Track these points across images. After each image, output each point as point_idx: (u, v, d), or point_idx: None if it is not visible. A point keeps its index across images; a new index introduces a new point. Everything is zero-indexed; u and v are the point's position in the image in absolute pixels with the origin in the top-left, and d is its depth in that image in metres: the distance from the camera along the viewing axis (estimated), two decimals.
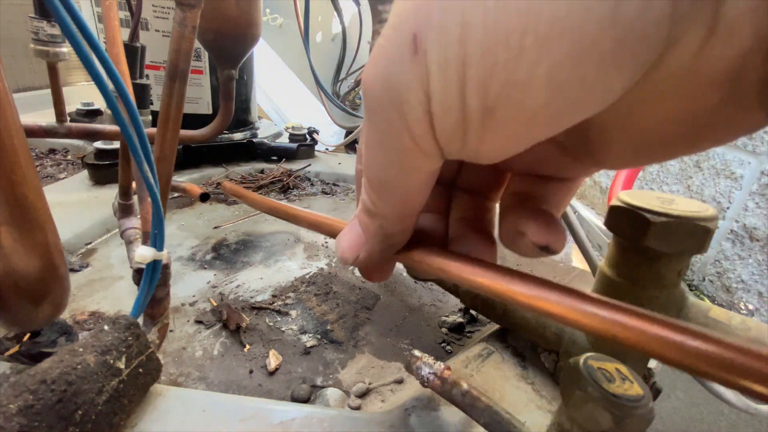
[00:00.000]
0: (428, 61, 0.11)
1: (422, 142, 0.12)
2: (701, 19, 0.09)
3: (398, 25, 0.11)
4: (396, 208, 0.15)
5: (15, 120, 0.19)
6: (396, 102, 0.12)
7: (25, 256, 0.21)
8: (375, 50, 0.12)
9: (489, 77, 0.10)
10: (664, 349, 0.11)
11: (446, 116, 0.11)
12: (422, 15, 0.11)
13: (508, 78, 0.10)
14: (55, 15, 0.16)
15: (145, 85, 0.38)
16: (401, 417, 0.25)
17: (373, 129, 0.14)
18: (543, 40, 0.09)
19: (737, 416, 0.82)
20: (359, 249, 0.18)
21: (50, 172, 0.72)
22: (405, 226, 0.17)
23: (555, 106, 0.10)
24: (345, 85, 1.38)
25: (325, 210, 0.65)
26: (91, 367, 0.20)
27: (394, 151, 0.13)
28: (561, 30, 0.09)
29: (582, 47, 0.09)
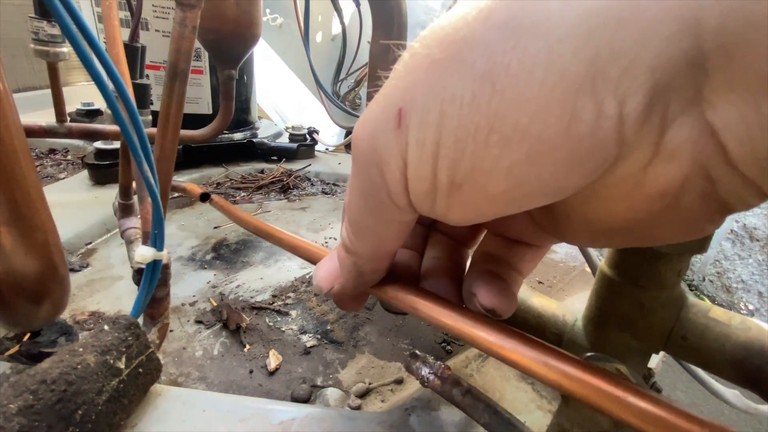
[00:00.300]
0: (409, 135, 0.12)
1: (397, 199, 0.14)
2: (645, 145, 0.10)
3: (389, 96, 0.13)
4: (370, 249, 0.17)
5: (15, 120, 0.19)
6: (378, 161, 0.13)
7: (25, 256, 0.21)
8: (367, 110, 0.14)
9: (458, 161, 0.12)
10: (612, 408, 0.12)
11: (419, 183, 0.13)
12: (409, 95, 0.12)
13: (474, 165, 0.11)
14: (55, 15, 0.16)
15: (145, 85, 0.38)
16: (401, 417, 0.25)
17: (357, 178, 0.15)
18: (506, 140, 0.11)
19: (737, 416, 0.82)
20: (334, 281, 0.19)
21: (50, 172, 0.71)
22: (378, 266, 0.18)
23: (513, 195, 0.12)
24: (345, 85, 1.38)
25: (325, 210, 0.65)
26: (91, 367, 0.20)
27: (372, 201, 0.15)
28: (522, 135, 0.10)
29: (539, 151, 0.10)
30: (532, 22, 0.10)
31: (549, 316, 0.29)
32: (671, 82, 0.09)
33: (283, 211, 0.64)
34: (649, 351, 0.25)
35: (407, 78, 0.12)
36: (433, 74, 0.11)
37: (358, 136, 0.14)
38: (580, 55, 0.09)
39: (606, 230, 0.14)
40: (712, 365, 0.22)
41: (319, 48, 1.41)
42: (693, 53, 0.09)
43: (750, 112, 0.09)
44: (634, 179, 0.11)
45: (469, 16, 0.11)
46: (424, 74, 0.12)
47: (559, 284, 0.47)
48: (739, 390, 0.33)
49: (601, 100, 0.10)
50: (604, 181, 0.11)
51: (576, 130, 0.10)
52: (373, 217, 0.15)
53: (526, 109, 0.10)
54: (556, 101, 0.10)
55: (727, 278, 1.48)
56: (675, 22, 0.09)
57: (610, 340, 0.25)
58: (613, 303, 0.25)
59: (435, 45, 0.12)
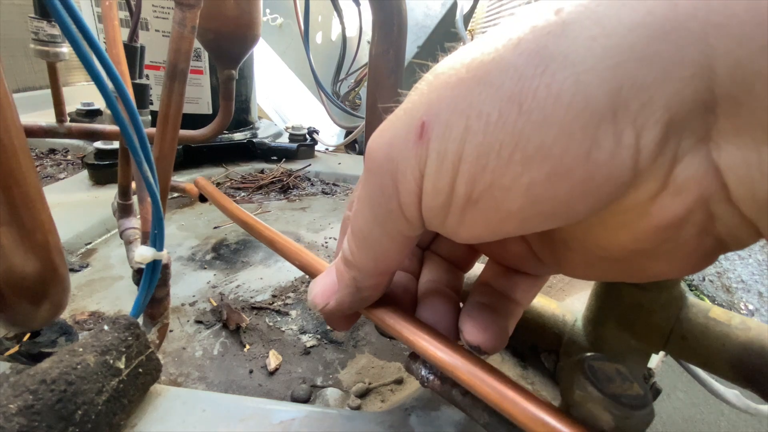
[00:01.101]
0: (430, 147, 0.13)
1: (407, 210, 0.14)
2: (656, 177, 0.11)
3: (411, 110, 0.13)
4: (372, 263, 0.17)
5: (15, 120, 0.19)
6: (393, 171, 0.14)
7: (25, 256, 0.21)
8: (385, 123, 0.14)
9: (478, 175, 0.12)
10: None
11: (434, 196, 0.13)
12: (434, 109, 0.12)
13: (494, 180, 0.12)
14: (55, 15, 0.16)
15: (144, 85, 0.38)
16: (401, 417, 0.25)
17: (367, 187, 0.15)
18: (528, 159, 0.11)
19: (737, 416, 0.82)
20: (330, 296, 0.19)
21: (50, 172, 0.71)
22: (377, 283, 0.18)
23: (527, 213, 0.12)
24: (345, 85, 1.38)
25: (325, 210, 0.65)
26: (91, 367, 0.20)
27: (381, 211, 0.15)
28: (544, 156, 0.11)
29: (558, 172, 0.11)
30: (561, 52, 0.10)
31: (549, 316, 0.29)
32: (684, 120, 0.10)
33: (283, 211, 0.64)
34: (649, 351, 0.25)
35: (431, 94, 0.13)
36: (460, 92, 0.12)
37: (373, 145, 0.14)
38: (605, 86, 0.10)
39: (605, 260, 0.14)
40: (712, 365, 0.22)
41: (319, 48, 1.41)
42: (705, 96, 0.10)
43: (752, 157, 0.10)
44: (642, 209, 0.11)
45: (498, 43, 0.12)
46: (451, 91, 0.12)
47: (559, 284, 0.47)
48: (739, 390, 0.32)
49: (621, 129, 0.10)
50: (613, 208, 0.12)
51: (596, 156, 0.10)
52: (380, 229, 0.15)
53: (550, 131, 0.10)
54: (580, 126, 0.10)
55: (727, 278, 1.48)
56: (691, 66, 0.09)
57: (610, 340, 0.25)
58: (613, 303, 0.25)
59: (462, 66, 0.12)
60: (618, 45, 0.10)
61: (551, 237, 0.16)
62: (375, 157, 0.14)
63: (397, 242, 0.16)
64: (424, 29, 1.18)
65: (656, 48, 0.10)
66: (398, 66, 0.41)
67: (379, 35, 0.40)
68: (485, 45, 0.12)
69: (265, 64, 1.51)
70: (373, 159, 0.14)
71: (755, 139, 0.10)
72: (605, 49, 0.10)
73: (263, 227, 0.30)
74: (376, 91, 0.41)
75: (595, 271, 0.15)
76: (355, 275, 0.17)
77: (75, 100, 0.81)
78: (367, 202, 0.15)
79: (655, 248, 0.12)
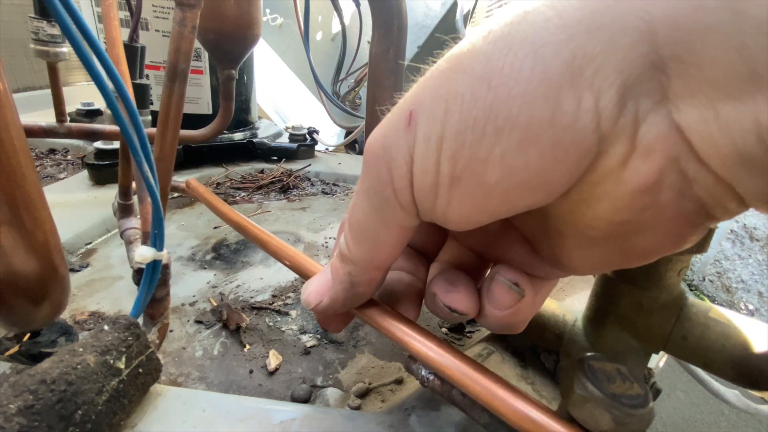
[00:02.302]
0: (417, 132, 0.14)
1: (401, 195, 0.15)
2: (622, 140, 0.11)
3: (402, 103, 0.15)
4: (368, 255, 0.17)
5: (15, 120, 0.19)
6: (387, 159, 0.15)
7: (25, 256, 0.21)
8: (383, 120, 0.16)
9: (458, 152, 0.13)
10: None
11: (423, 177, 0.14)
12: (419, 98, 0.14)
13: (472, 155, 0.13)
14: (55, 15, 0.16)
15: (144, 85, 0.38)
16: (401, 417, 0.25)
17: (365, 179, 0.16)
18: (499, 130, 0.12)
19: (737, 416, 0.82)
20: (324, 294, 0.19)
21: (50, 172, 0.71)
22: (372, 278, 0.18)
23: (505, 185, 0.13)
24: (345, 85, 1.38)
25: (325, 210, 0.65)
26: (91, 367, 0.20)
27: (377, 200, 0.16)
28: (512, 125, 0.12)
29: (527, 139, 0.12)
30: (521, 35, 0.12)
31: (549, 316, 0.29)
32: (637, 83, 0.11)
33: (283, 211, 0.64)
34: (649, 351, 0.25)
35: (418, 87, 0.14)
36: (440, 80, 0.13)
37: (371, 140, 0.16)
38: (560, 57, 0.11)
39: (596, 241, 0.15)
40: (712, 365, 0.22)
41: (319, 48, 1.41)
42: (653, 58, 0.10)
43: (708, 114, 0.10)
44: (615, 176, 0.12)
45: (472, 38, 0.13)
46: (433, 81, 0.14)
47: (559, 284, 0.47)
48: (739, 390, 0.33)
49: (580, 94, 0.11)
50: (589, 179, 0.12)
51: (559, 120, 0.11)
52: (376, 218, 0.16)
53: (516, 102, 0.12)
54: (541, 95, 0.11)
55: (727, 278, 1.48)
56: (633, 33, 0.10)
57: (609, 340, 0.25)
58: (613, 303, 0.25)
59: (443, 61, 0.14)
60: (568, 22, 0.11)
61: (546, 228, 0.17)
62: (371, 149, 0.15)
63: (393, 232, 0.16)
64: (424, 29, 1.18)
65: (601, 20, 0.11)
66: (398, 66, 0.41)
67: (379, 35, 0.40)
68: (463, 41, 0.13)
69: (265, 64, 1.51)
70: (370, 151, 0.16)
71: (709, 96, 0.10)
72: (557, 27, 0.11)
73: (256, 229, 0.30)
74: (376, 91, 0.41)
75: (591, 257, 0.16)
76: (350, 269, 0.18)
77: (75, 100, 0.81)
78: (364, 194, 0.16)
79: (638, 218, 0.13)
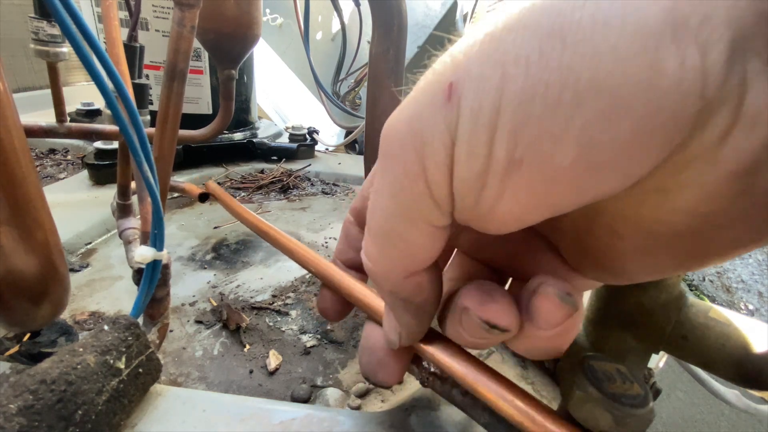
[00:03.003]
0: (461, 106, 0.11)
1: (437, 189, 0.12)
2: (727, 107, 0.09)
3: (434, 76, 0.12)
4: (400, 263, 0.15)
5: (15, 120, 0.19)
6: (418, 144, 0.12)
7: (25, 256, 0.21)
8: (404, 101, 0.13)
9: (522, 127, 0.10)
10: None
11: (469, 163, 0.11)
12: (462, 66, 0.11)
13: (541, 130, 0.10)
14: (55, 15, 0.16)
15: (144, 85, 0.38)
16: (401, 417, 0.25)
17: (386, 173, 0.13)
18: (580, 97, 0.09)
19: (737, 416, 0.82)
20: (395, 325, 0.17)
21: (50, 172, 0.71)
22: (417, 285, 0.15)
23: (581, 166, 0.10)
24: (345, 85, 1.38)
25: (325, 210, 0.65)
26: (91, 367, 0.20)
27: (404, 197, 0.13)
28: (598, 89, 0.09)
29: (617, 107, 0.09)
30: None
31: None
32: (748, 38, 0.09)
33: (283, 211, 0.64)
34: (649, 351, 0.25)
35: (456, 58, 0.11)
36: (491, 43, 0.11)
37: (391, 124, 0.13)
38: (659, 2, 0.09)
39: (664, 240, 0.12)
40: (712, 365, 0.22)
41: (319, 48, 1.41)
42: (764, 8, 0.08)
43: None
44: (710, 156, 0.10)
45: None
46: (480, 46, 0.11)
47: None
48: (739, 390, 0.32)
49: (684, 49, 0.09)
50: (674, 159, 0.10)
51: (658, 82, 0.09)
52: (404, 220, 0.13)
53: (603, 62, 0.09)
54: (636, 52, 0.09)
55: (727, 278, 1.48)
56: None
57: (610, 340, 0.25)
58: (613, 303, 0.25)
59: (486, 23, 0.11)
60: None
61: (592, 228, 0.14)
62: (394, 134, 0.13)
63: (426, 234, 0.13)
64: (424, 29, 1.18)
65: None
66: (398, 66, 0.41)
67: (379, 35, 0.40)
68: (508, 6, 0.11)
69: (265, 64, 1.50)
70: (392, 137, 0.13)
71: None
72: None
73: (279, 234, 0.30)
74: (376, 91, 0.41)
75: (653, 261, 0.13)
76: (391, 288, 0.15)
77: (75, 100, 0.81)
78: (387, 191, 0.13)
79: (728, 207, 0.10)
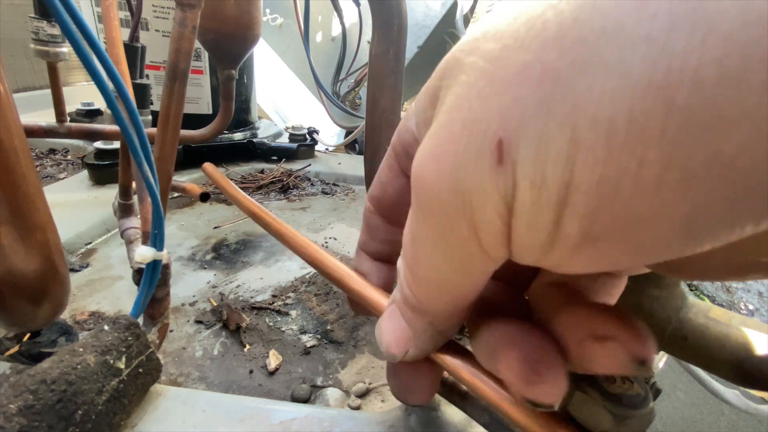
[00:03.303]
0: (517, 175, 0.09)
1: (492, 251, 0.11)
2: None
3: (474, 122, 0.09)
4: (450, 306, 0.14)
5: (15, 120, 0.19)
6: (465, 209, 0.10)
7: (25, 256, 0.21)
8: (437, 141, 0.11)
9: (601, 208, 0.08)
10: None
11: (530, 236, 0.10)
12: (514, 118, 0.09)
13: (629, 212, 0.08)
14: (55, 15, 0.16)
15: (145, 85, 0.38)
16: (401, 417, 0.25)
17: (429, 228, 0.12)
18: (691, 178, 0.07)
19: (737, 416, 0.82)
20: (407, 344, 0.16)
21: (50, 172, 0.71)
22: (457, 321, 0.15)
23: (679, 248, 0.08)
24: (345, 85, 1.38)
25: (325, 210, 0.65)
26: (91, 367, 0.20)
27: (454, 254, 0.12)
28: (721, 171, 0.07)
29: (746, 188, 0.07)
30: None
31: None
32: None
33: (283, 211, 0.64)
34: None
35: (500, 95, 0.09)
36: (551, 88, 0.08)
37: (428, 174, 0.11)
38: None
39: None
40: (712, 365, 0.22)
41: (319, 48, 1.41)
42: None
43: None
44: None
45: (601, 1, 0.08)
46: (535, 88, 0.08)
47: None
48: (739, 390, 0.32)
49: None
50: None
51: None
52: (453, 271, 0.12)
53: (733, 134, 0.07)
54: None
55: None
56: None
57: None
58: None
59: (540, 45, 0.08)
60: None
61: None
62: (433, 190, 0.11)
63: (478, 279, 0.13)
64: (424, 29, 1.18)
65: None
66: (398, 66, 0.41)
67: (379, 35, 0.40)
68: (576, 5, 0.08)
69: (265, 64, 1.50)
70: (431, 193, 0.11)
71: None
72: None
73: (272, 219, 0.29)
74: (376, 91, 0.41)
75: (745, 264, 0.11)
76: (432, 320, 0.15)
77: (75, 100, 0.81)
78: (431, 244, 0.12)
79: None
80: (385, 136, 0.38)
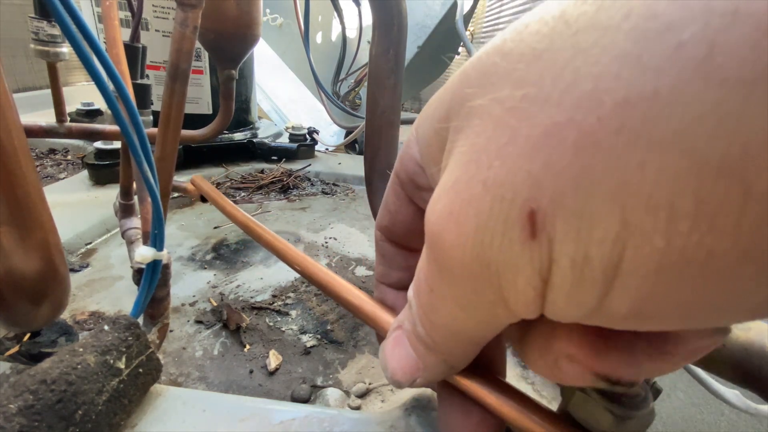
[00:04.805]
0: (554, 251, 0.08)
1: (522, 313, 0.10)
2: None
3: (498, 186, 0.08)
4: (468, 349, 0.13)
5: (15, 120, 0.19)
6: (492, 279, 0.09)
7: (25, 256, 0.21)
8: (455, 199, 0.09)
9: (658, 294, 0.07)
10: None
11: (570, 308, 0.09)
12: (547, 189, 0.07)
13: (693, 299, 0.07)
14: (55, 15, 0.16)
15: (145, 85, 0.38)
16: (401, 417, 0.25)
17: (449, 287, 0.11)
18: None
19: (737, 416, 0.82)
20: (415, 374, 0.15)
21: (50, 172, 0.71)
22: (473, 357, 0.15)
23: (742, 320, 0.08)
24: (345, 85, 1.38)
25: (325, 210, 0.65)
26: (91, 367, 0.20)
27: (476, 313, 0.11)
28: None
29: None
30: None
31: None
32: None
33: (283, 211, 0.64)
34: None
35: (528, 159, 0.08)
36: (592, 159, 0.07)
37: (448, 237, 0.10)
38: None
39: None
40: (712, 365, 0.22)
41: (319, 48, 1.41)
42: None
43: None
44: None
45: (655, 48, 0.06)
46: (572, 157, 0.07)
47: None
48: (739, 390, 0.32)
49: None
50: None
51: None
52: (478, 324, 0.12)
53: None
54: None
55: None
56: None
57: None
58: None
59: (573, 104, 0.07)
60: None
61: None
62: (455, 255, 0.10)
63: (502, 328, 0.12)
64: (424, 29, 1.18)
65: None
66: (398, 66, 0.41)
67: (379, 35, 0.40)
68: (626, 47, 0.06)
69: (265, 64, 1.51)
70: (452, 256, 0.10)
71: None
72: None
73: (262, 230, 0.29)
74: (376, 91, 0.41)
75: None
76: (446, 358, 0.14)
77: (75, 100, 0.81)
78: (452, 300, 0.11)
79: None
80: (386, 136, 0.38)
